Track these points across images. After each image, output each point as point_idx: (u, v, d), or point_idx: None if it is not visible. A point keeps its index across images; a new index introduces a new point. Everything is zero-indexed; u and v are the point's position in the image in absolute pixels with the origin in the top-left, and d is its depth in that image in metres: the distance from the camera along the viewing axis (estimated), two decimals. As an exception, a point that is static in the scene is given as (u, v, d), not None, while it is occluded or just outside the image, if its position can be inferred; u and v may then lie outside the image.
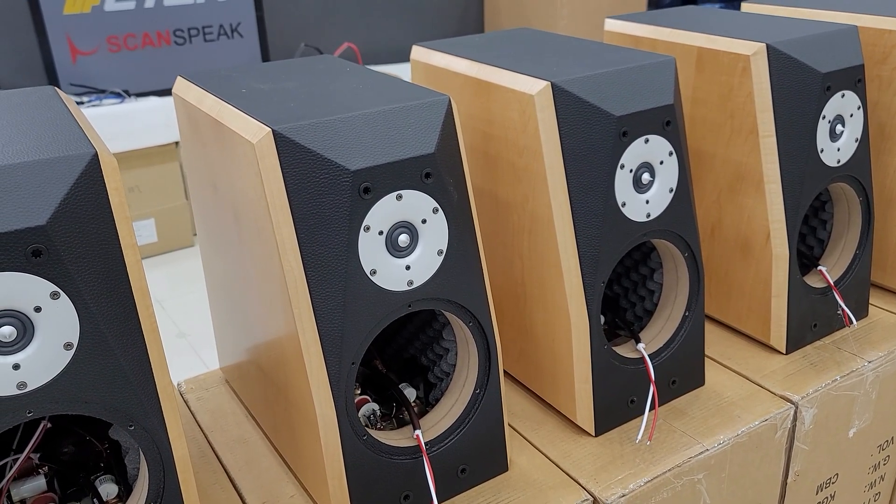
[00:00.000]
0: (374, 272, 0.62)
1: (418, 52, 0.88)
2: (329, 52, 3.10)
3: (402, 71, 3.06)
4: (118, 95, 2.57)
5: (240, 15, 2.98)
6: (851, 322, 0.95)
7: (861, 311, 0.99)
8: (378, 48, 3.36)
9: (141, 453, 0.58)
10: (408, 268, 0.64)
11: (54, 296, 0.51)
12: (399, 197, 0.62)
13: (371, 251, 0.62)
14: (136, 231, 2.55)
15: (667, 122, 0.75)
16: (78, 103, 2.49)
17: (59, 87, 2.65)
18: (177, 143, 2.57)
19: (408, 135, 0.62)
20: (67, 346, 0.53)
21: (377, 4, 3.34)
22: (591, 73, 0.72)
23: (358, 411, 0.75)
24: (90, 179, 0.52)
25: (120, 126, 2.43)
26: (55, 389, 0.53)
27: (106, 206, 0.53)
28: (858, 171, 0.92)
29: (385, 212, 0.62)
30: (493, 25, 3.53)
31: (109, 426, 0.65)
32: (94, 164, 0.52)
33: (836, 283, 0.95)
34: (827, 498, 0.96)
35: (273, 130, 0.59)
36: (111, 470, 0.67)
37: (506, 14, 3.42)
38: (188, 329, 2.21)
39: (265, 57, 3.06)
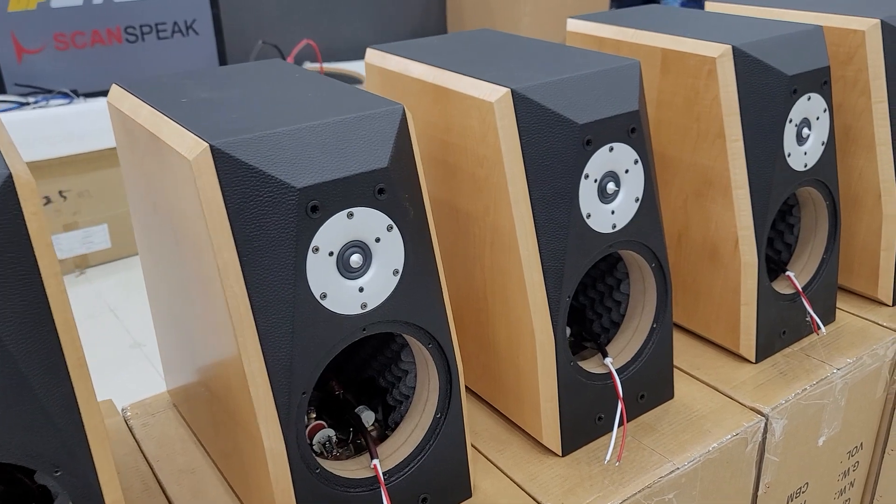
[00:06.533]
0: (324, 296, 0.58)
1: (373, 56, 0.84)
2: (288, 49, 3.03)
3: (362, 68, 3.01)
4: (66, 96, 2.47)
5: (195, 11, 2.88)
6: (820, 329, 0.93)
7: (829, 317, 0.98)
8: (338, 45, 3.30)
9: (69, 501, 0.53)
10: (361, 290, 0.60)
11: (-36, 335, 0.46)
12: (350, 215, 0.58)
13: (321, 273, 0.58)
14: (89, 237, 2.46)
15: (632, 129, 0.72)
16: (24, 104, 2.39)
17: (3, 88, 2.55)
18: (130, 144, 2.48)
19: (359, 148, 0.58)
20: (-19, 388, 0.48)
21: (337, 0, 3.28)
22: (553, 79, 0.69)
23: (313, 438, 0.71)
24: (3, 204, 0.47)
25: (69, 128, 2.34)
26: (-31, 437, 0.48)
27: (23, 234, 0.48)
28: (825, 174, 0.91)
29: (335, 231, 0.58)
30: (456, 21, 3.49)
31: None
32: (7, 186, 0.47)
33: (803, 288, 0.93)
34: (797, 507, 0.94)
35: (211, 145, 0.54)
36: (44, 511, 0.62)
37: (468, 11, 3.38)
38: (143, 338, 2.13)
39: (222, 55, 2.97)
